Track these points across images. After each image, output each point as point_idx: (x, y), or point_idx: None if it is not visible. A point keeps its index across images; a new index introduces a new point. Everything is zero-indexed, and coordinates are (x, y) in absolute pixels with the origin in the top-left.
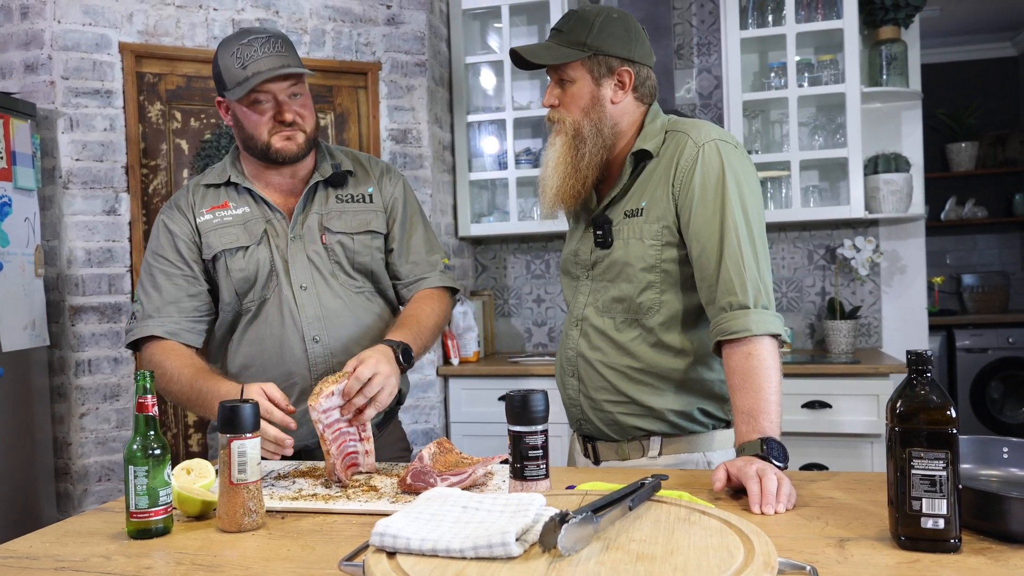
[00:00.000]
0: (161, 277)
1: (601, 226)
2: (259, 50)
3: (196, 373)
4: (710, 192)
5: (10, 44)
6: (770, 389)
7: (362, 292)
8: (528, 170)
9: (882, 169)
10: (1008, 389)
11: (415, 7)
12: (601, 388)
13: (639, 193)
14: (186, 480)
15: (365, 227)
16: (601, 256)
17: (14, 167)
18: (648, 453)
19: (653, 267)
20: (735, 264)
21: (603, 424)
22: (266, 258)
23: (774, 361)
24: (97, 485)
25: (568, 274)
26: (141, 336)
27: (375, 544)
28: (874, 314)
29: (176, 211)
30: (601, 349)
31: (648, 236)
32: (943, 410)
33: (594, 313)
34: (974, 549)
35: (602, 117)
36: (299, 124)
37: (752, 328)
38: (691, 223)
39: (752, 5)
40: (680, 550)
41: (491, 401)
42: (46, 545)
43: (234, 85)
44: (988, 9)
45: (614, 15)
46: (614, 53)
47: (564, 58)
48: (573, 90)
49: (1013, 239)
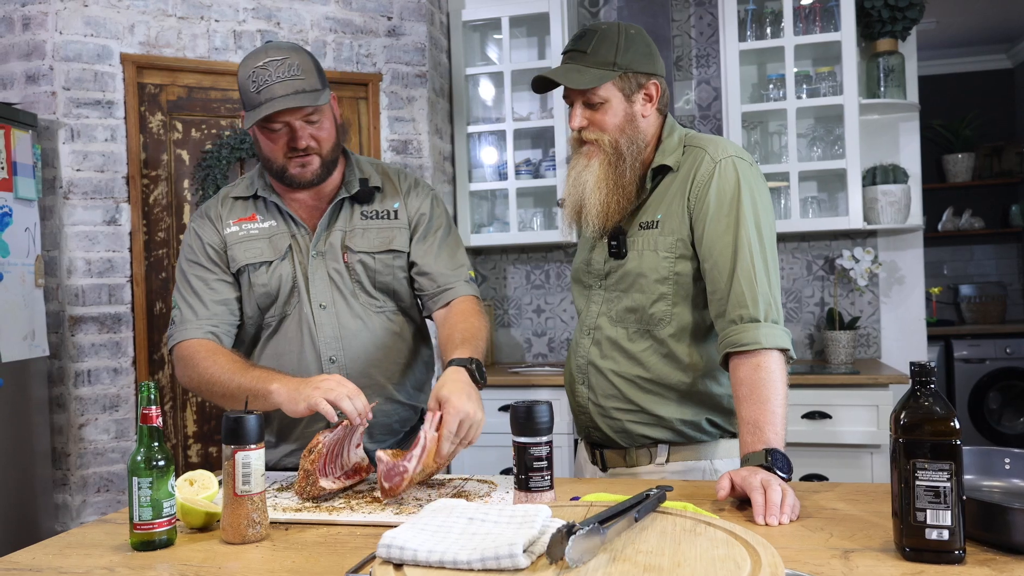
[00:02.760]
0: (197, 282)
1: (616, 237)
2: (273, 74)
3: (246, 363)
4: (725, 207)
5: (12, 55)
6: (776, 401)
7: (383, 311)
8: (528, 181)
9: (880, 180)
10: (1006, 399)
11: (416, 19)
12: (611, 396)
13: (655, 206)
14: (189, 492)
15: (387, 246)
16: (615, 266)
17: (15, 177)
18: (655, 460)
19: (666, 279)
20: (747, 278)
21: (611, 431)
22: (288, 274)
23: (781, 375)
24: (96, 496)
25: (580, 283)
26: (183, 340)
27: (382, 555)
28: (873, 324)
29: (206, 220)
30: (612, 358)
31: (662, 248)
32: (947, 421)
33: (607, 323)
34: (978, 560)
35: (636, 132)
36: (314, 149)
37: (762, 341)
38: (705, 236)
39: (751, 17)
40: (687, 561)
41: (491, 412)
42: (49, 557)
43: (249, 108)
44: (984, 22)
45: (631, 31)
46: (642, 69)
47: (598, 80)
48: (605, 109)
49: (1010, 250)
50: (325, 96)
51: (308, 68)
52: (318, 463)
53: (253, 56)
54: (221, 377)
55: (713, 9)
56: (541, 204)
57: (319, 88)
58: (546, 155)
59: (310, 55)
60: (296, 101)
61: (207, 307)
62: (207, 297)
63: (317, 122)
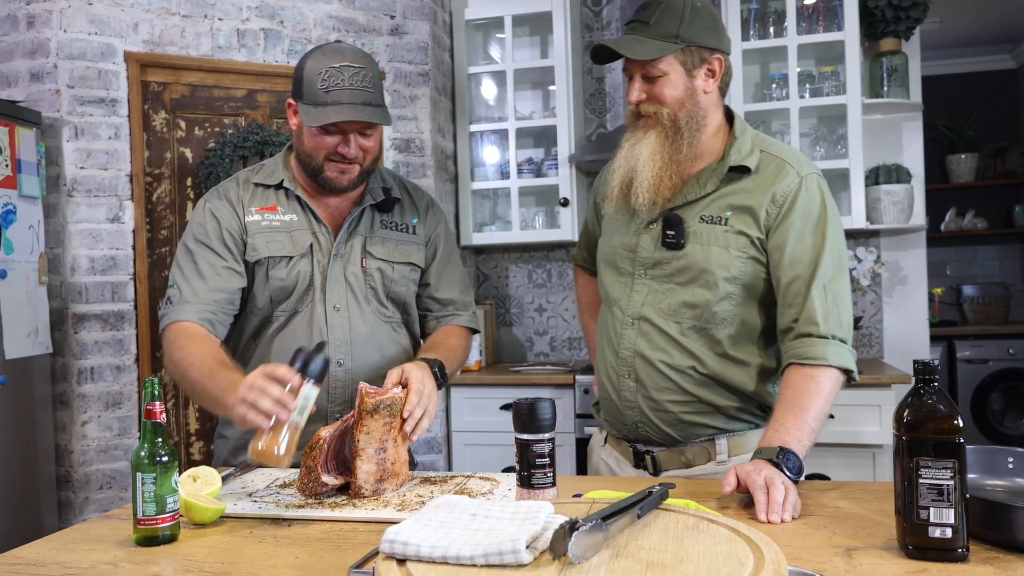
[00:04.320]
0: (205, 265)
1: (673, 226)
2: (347, 81)
3: (219, 365)
4: (810, 225)
5: (16, 53)
6: (813, 414)
7: (390, 322)
8: (530, 180)
9: (883, 180)
10: (1009, 400)
11: (418, 18)
12: (665, 389)
13: (722, 202)
14: (193, 488)
15: (406, 258)
16: (668, 257)
17: (19, 175)
18: (716, 457)
19: (736, 278)
20: (826, 297)
21: (666, 425)
22: (307, 272)
23: (831, 394)
24: (99, 493)
25: (615, 268)
26: (176, 320)
27: (385, 551)
28: (875, 324)
29: (225, 202)
30: (665, 350)
31: (735, 247)
32: (950, 419)
33: (655, 314)
34: (981, 559)
35: (696, 108)
36: (358, 159)
37: (829, 358)
38: (788, 249)
39: (754, 17)
40: (690, 558)
41: (493, 410)
42: (53, 552)
43: (310, 103)
44: (988, 22)
45: (698, 3)
46: (706, 44)
47: (659, 52)
48: (665, 82)
49: (1013, 250)
50: (389, 115)
51: (377, 83)
52: (319, 459)
53: (327, 54)
54: (192, 374)
55: (716, 8)
56: (543, 203)
57: (383, 104)
58: (548, 154)
59: (378, 70)
60: (366, 114)
61: (209, 292)
62: (212, 283)
63: (370, 135)
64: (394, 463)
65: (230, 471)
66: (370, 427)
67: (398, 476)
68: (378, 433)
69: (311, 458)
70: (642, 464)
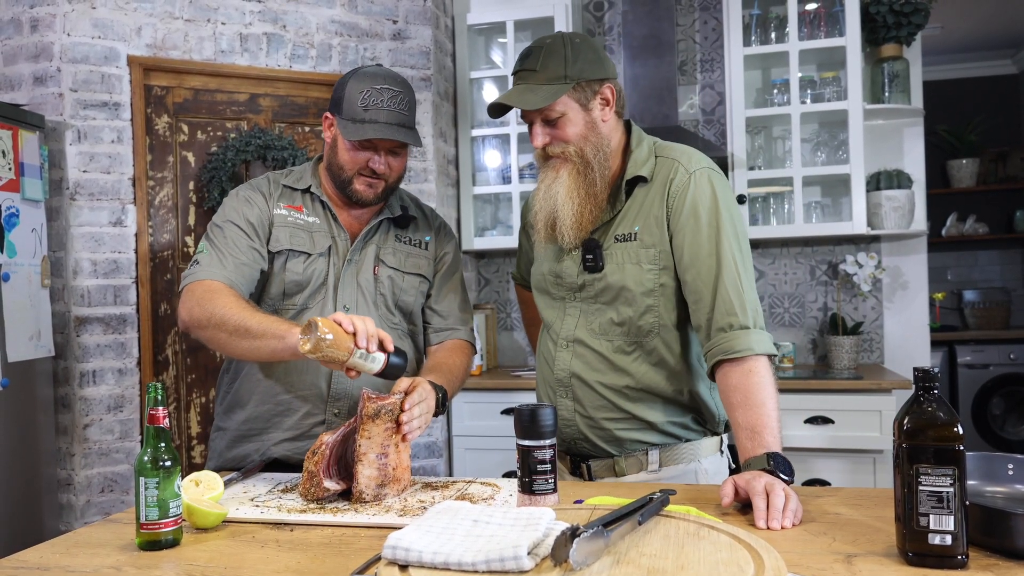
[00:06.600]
0: (235, 238)
1: (591, 250)
2: (386, 102)
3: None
4: (704, 219)
5: (20, 56)
6: (770, 405)
7: (396, 329)
8: (532, 185)
9: (884, 185)
10: (1009, 405)
11: (421, 22)
12: (600, 407)
13: (630, 218)
14: (195, 492)
15: (417, 270)
16: (592, 279)
17: (22, 178)
18: (648, 468)
19: (652, 291)
20: (734, 287)
21: (601, 441)
22: (322, 271)
23: (771, 379)
24: (100, 496)
25: (547, 294)
26: (200, 279)
27: (387, 557)
28: (876, 330)
29: (258, 193)
30: (599, 370)
31: (646, 261)
32: (950, 427)
33: (588, 335)
34: (981, 565)
35: (600, 138)
36: (385, 176)
37: (755, 347)
38: (686, 248)
39: (755, 22)
40: (691, 564)
41: (494, 415)
42: (56, 556)
43: (348, 119)
44: (989, 27)
45: (576, 40)
46: (594, 76)
47: (553, 96)
48: (564, 122)
49: (1014, 255)
50: (420, 138)
51: (412, 108)
52: (321, 464)
53: (370, 77)
54: (239, 314)
55: (718, 14)
56: None
57: (415, 127)
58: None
59: (414, 96)
60: (400, 135)
61: (236, 264)
62: (240, 257)
63: (400, 155)
64: (395, 468)
65: (232, 475)
66: (372, 432)
67: (400, 481)
68: (380, 438)
69: (313, 463)
70: (578, 472)
